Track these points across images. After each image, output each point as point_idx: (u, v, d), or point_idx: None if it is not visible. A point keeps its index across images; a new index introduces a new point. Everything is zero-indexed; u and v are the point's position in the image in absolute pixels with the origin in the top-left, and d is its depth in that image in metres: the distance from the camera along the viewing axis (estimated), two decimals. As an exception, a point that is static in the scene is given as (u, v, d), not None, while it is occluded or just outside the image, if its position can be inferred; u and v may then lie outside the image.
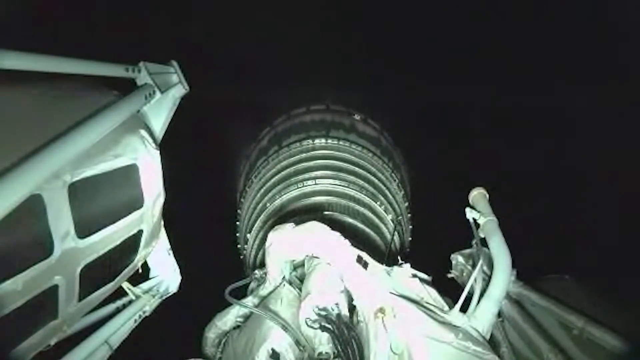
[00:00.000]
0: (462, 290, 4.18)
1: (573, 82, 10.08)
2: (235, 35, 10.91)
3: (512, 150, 11.55)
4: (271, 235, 4.95)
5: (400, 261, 5.14)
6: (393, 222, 8.78)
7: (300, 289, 4.82)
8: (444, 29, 11.21)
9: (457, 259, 5.36)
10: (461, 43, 11.28)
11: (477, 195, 5.38)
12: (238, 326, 5.08)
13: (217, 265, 9.46)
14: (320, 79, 10.57)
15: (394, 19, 11.32)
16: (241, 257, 9.44)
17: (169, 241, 5.38)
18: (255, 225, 8.74)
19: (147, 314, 5.09)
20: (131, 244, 4.36)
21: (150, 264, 5.37)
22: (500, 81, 10.88)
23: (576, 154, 10.61)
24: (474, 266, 4.74)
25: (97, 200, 3.75)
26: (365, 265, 4.40)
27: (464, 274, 5.20)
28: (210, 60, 10.21)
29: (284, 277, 5.13)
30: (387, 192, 9.23)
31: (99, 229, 3.69)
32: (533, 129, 11.38)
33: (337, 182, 8.55)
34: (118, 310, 4.83)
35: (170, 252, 5.45)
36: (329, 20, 11.10)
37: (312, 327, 4.16)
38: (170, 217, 5.14)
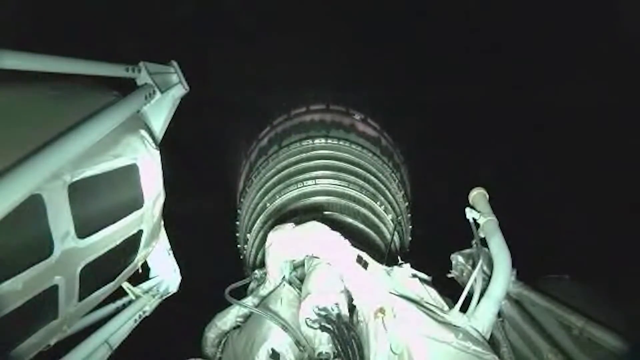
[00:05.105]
0: (462, 290, 4.18)
1: (574, 82, 10.08)
2: (235, 35, 10.91)
3: (512, 151, 11.55)
4: (271, 235, 4.95)
5: (400, 261, 5.13)
6: (393, 222, 8.78)
7: (300, 289, 4.82)
8: (444, 29, 11.21)
9: (457, 259, 5.36)
10: (461, 43, 11.28)
11: (477, 195, 5.38)
12: (238, 326, 5.07)
13: (217, 265, 9.47)
14: (320, 79, 10.57)
15: (394, 19, 11.33)
16: (241, 257, 9.45)
17: (169, 241, 5.38)
18: (255, 225, 8.74)
19: (147, 314, 5.09)
20: (131, 244, 4.35)
21: (150, 264, 5.36)
22: (500, 81, 10.88)
23: (576, 154, 10.61)
24: (474, 266, 4.73)
25: (97, 201, 3.74)
26: (365, 265, 4.40)
27: (464, 274, 5.19)
28: (210, 60, 10.22)
29: (284, 277, 5.12)
30: (387, 192, 9.23)
31: (99, 229, 3.69)
32: (533, 129, 11.38)
33: (337, 182, 8.55)
34: (118, 310, 4.83)
35: (170, 252, 5.45)
36: (329, 21, 11.10)
37: (312, 327, 4.16)
38: (170, 217, 5.14)
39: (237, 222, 9.86)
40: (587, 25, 9.37)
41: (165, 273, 5.48)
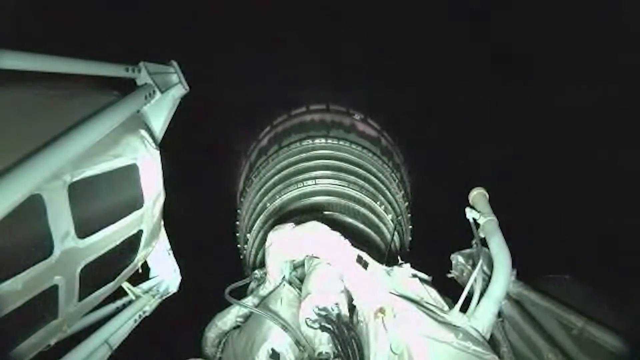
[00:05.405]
0: (462, 290, 4.18)
1: (572, 82, 10.08)
2: (236, 35, 10.92)
3: (512, 150, 11.55)
4: (271, 235, 4.95)
5: (400, 261, 5.13)
6: (393, 222, 8.78)
7: (300, 289, 4.82)
8: (444, 29, 11.21)
9: (457, 259, 5.35)
10: (461, 43, 11.28)
11: (477, 195, 5.38)
12: (238, 326, 5.07)
13: (217, 265, 9.47)
14: (320, 79, 10.57)
15: (394, 19, 11.33)
16: (241, 257, 9.45)
17: (169, 241, 5.38)
18: (255, 225, 8.74)
19: (147, 314, 5.09)
20: (131, 244, 4.36)
21: (150, 264, 5.37)
22: (500, 81, 10.88)
23: (576, 154, 10.61)
24: (474, 266, 4.73)
25: (97, 200, 3.75)
26: (365, 265, 4.40)
27: (464, 274, 5.19)
28: (210, 60, 10.21)
29: (284, 277, 5.13)
30: (387, 192, 9.23)
31: (99, 229, 3.69)
32: (533, 129, 11.38)
33: (337, 182, 8.55)
34: (118, 310, 4.83)
35: (170, 252, 5.45)
36: (329, 20, 11.10)
37: (312, 327, 4.16)
38: (170, 217, 5.14)
39: (237, 222, 9.86)
40: (587, 26, 9.37)
41: (165, 273, 5.48)
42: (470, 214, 5.12)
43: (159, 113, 4.75)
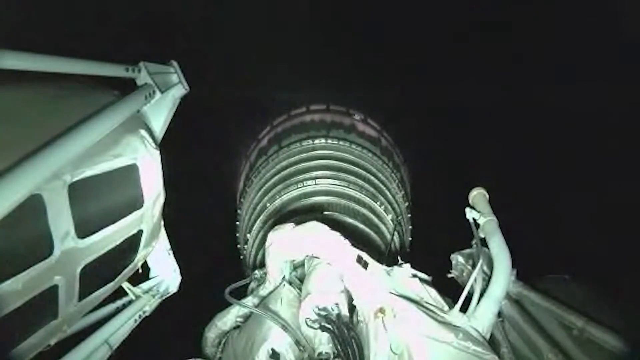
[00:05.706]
0: (462, 290, 4.18)
1: (573, 83, 10.09)
2: (236, 35, 10.92)
3: (512, 150, 11.55)
4: (271, 235, 4.95)
5: (400, 261, 5.13)
6: (393, 222, 8.78)
7: (300, 289, 4.83)
8: (445, 30, 11.22)
9: (457, 259, 5.36)
10: (461, 43, 11.29)
11: (477, 195, 5.38)
12: (238, 326, 5.08)
13: (217, 265, 9.48)
14: (320, 79, 10.57)
15: (394, 19, 11.33)
16: (241, 257, 9.45)
17: (169, 241, 5.38)
18: (255, 225, 8.74)
19: (147, 314, 5.09)
20: (131, 244, 4.35)
21: (150, 264, 5.36)
22: (500, 82, 10.88)
23: (576, 154, 10.61)
24: (474, 266, 4.74)
25: (97, 200, 3.74)
26: (365, 265, 4.40)
27: (464, 274, 5.20)
28: (210, 60, 10.22)
29: (284, 277, 5.13)
30: (387, 192, 9.23)
31: (99, 229, 3.69)
32: (533, 129, 11.38)
33: (337, 182, 8.55)
34: (118, 310, 4.83)
35: (170, 252, 5.45)
36: (329, 21, 11.11)
37: (312, 327, 4.16)
38: (170, 217, 5.14)
39: (237, 222, 9.86)
40: (587, 28, 9.37)
41: (165, 273, 5.48)
42: (470, 214, 5.13)
43: (159, 113, 4.75)
